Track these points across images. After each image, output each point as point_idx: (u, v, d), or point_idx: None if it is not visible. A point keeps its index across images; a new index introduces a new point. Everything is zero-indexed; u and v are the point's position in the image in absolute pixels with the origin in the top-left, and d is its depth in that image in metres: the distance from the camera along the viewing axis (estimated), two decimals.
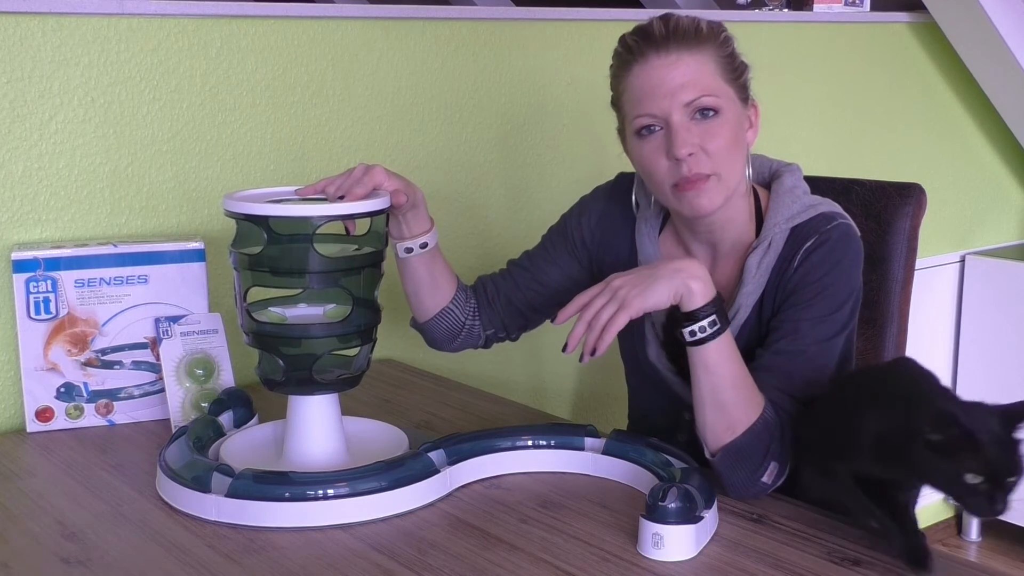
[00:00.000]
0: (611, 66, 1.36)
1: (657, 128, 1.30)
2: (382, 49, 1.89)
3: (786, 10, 2.65)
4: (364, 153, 1.89)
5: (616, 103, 1.37)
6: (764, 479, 1.24)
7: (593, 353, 1.22)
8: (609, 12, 2.15)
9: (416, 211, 1.42)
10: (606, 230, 1.50)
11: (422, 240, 1.44)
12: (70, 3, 1.57)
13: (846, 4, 2.71)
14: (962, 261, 2.96)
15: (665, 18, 1.31)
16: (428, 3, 2.12)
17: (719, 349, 1.23)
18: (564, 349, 1.23)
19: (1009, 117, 2.94)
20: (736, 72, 1.33)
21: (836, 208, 1.37)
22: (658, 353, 1.45)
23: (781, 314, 1.32)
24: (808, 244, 1.32)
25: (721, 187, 1.31)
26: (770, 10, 2.62)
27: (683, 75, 1.28)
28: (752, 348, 1.34)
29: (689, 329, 1.23)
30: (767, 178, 1.43)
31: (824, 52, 2.62)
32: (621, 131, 1.39)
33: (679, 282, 1.22)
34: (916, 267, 1.62)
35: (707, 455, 1.27)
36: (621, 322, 1.21)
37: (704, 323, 1.22)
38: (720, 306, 1.24)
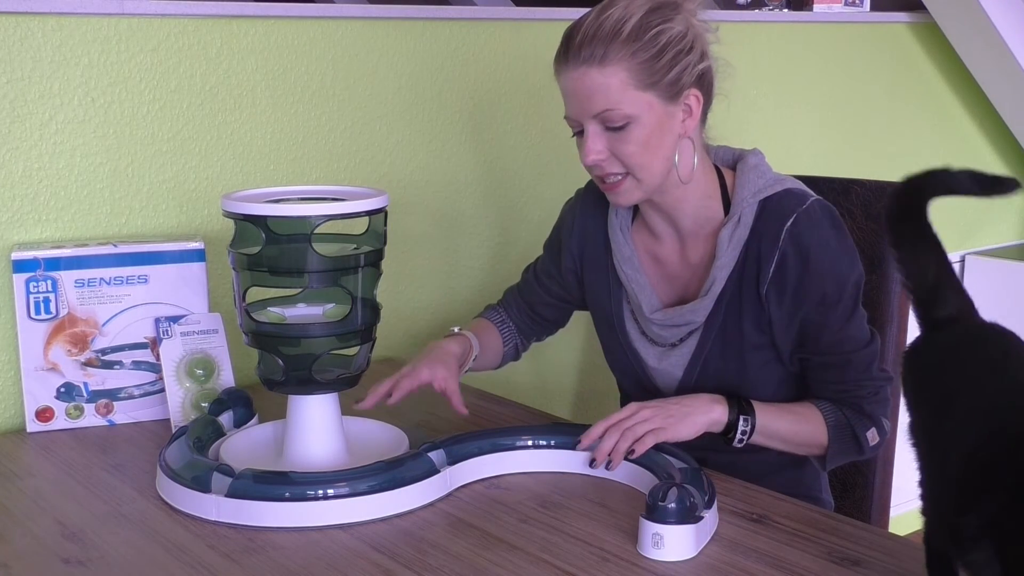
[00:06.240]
0: None
1: (580, 130, 1.36)
2: (382, 49, 1.89)
3: (786, 10, 2.65)
4: (364, 153, 1.89)
5: None
6: (871, 446, 1.39)
7: (608, 465, 1.31)
8: None
9: (464, 367, 1.51)
10: (583, 232, 1.54)
11: (469, 365, 1.53)
12: (70, 3, 1.57)
13: (846, 4, 2.71)
14: (962, 261, 2.96)
15: (580, 27, 1.31)
16: (428, 3, 2.12)
17: (762, 429, 1.36)
18: (592, 464, 1.32)
19: (1009, 117, 2.94)
20: (657, 75, 1.30)
21: (800, 185, 1.41)
22: (639, 337, 1.48)
23: (804, 315, 1.36)
24: (788, 224, 1.34)
25: (637, 185, 1.36)
26: (770, 10, 2.62)
27: (588, 89, 1.31)
28: (731, 320, 1.39)
29: (736, 440, 1.35)
30: (732, 161, 1.46)
31: (824, 52, 2.62)
32: None
33: (703, 418, 1.34)
34: None
35: (818, 466, 1.45)
36: (651, 442, 1.29)
37: (740, 429, 1.35)
38: (739, 405, 1.35)
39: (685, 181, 1.37)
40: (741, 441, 1.35)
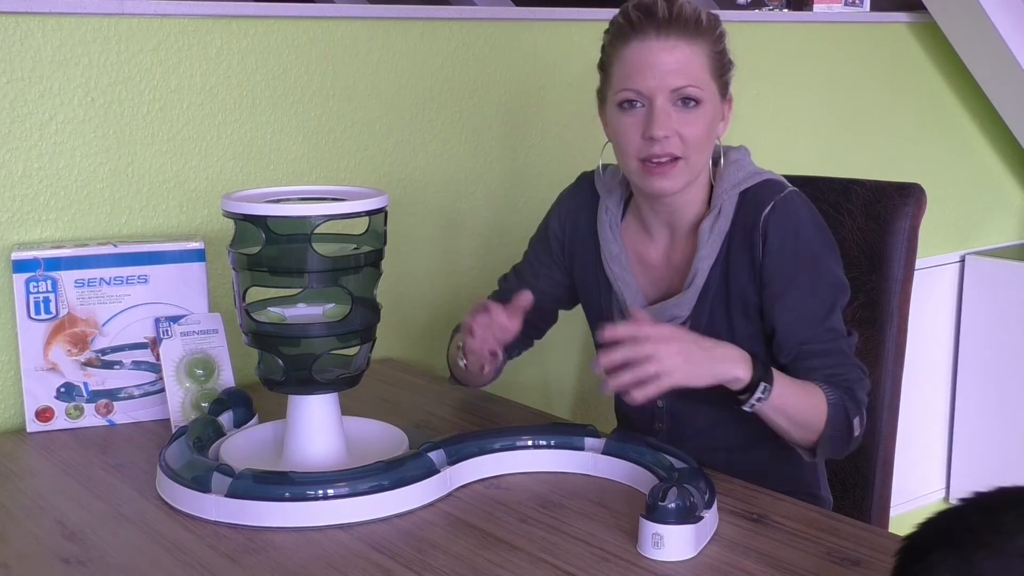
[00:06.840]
0: (607, 32, 1.41)
1: (640, 105, 1.35)
2: (382, 49, 1.89)
3: (786, 10, 2.64)
4: (364, 153, 1.89)
5: (605, 68, 1.42)
6: (854, 436, 1.37)
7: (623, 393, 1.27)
8: (609, 12, 2.14)
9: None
10: (573, 229, 1.54)
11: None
12: (70, 3, 1.57)
13: (846, 4, 2.71)
14: (962, 261, 2.96)
15: (655, 4, 1.34)
16: (428, 3, 2.12)
17: (778, 396, 1.31)
18: (604, 388, 1.28)
19: (1009, 117, 2.94)
20: (722, 69, 1.38)
21: (780, 178, 1.43)
22: None
23: (787, 302, 1.37)
24: (766, 211, 1.36)
25: (687, 171, 1.37)
26: (770, 10, 2.62)
27: (676, 61, 1.33)
28: (718, 313, 1.40)
29: (748, 403, 1.30)
30: (716, 158, 1.47)
31: (824, 52, 2.62)
32: (602, 94, 1.44)
33: (722, 371, 1.28)
34: (916, 267, 1.62)
35: (806, 457, 1.39)
36: (654, 392, 1.24)
37: (758, 393, 1.29)
38: (761, 369, 1.30)
39: (715, 182, 1.41)
40: (752, 406, 1.31)
